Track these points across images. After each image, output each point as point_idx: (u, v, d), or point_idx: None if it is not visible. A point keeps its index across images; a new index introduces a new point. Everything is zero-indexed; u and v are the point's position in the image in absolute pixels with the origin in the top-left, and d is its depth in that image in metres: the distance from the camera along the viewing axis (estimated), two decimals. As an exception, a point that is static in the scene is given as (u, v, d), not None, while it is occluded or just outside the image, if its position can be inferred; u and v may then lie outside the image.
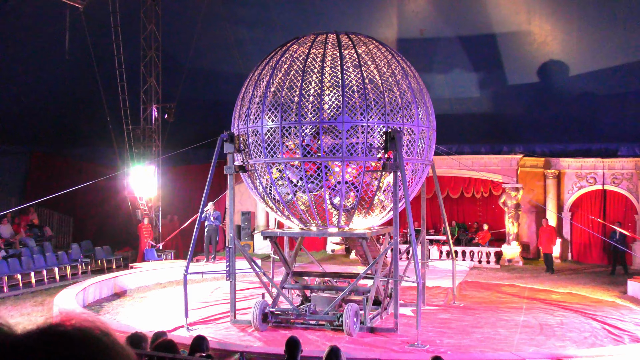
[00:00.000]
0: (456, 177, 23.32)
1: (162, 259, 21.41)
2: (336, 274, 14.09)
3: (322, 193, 11.67)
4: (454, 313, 13.63)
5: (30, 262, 18.07)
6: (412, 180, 12.30)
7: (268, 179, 11.98)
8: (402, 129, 11.52)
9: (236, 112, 12.44)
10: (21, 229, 21.22)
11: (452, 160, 20.91)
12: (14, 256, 18.19)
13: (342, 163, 11.35)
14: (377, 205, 12.09)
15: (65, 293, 13.99)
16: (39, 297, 15.87)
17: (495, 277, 19.29)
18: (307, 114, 11.98)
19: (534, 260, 22.67)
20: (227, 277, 12.53)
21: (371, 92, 11.72)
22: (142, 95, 22.41)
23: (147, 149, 22.57)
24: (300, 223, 12.39)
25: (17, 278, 17.13)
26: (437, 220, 23.82)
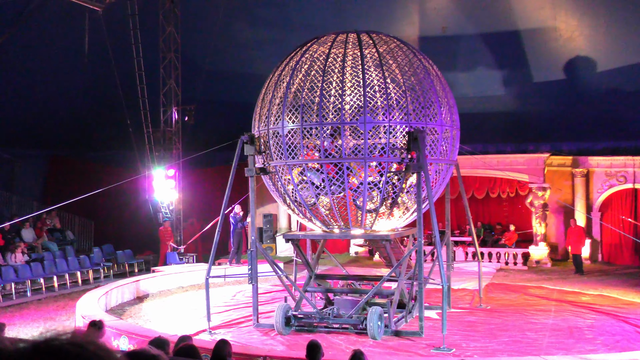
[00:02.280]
0: (481, 177, 23.19)
1: (183, 263, 21.57)
2: (360, 277, 14.09)
3: (344, 195, 11.68)
4: (481, 316, 13.56)
5: (53, 267, 18.33)
6: (436, 181, 12.26)
7: (289, 180, 12.02)
8: (424, 129, 11.49)
9: (256, 113, 12.50)
10: (43, 233, 21.51)
11: (477, 160, 20.80)
12: (37, 260, 18.46)
13: (365, 164, 11.35)
14: (400, 206, 12.08)
15: (88, 297, 14.16)
16: (61, 301, 16.10)
17: (522, 279, 19.15)
18: (328, 115, 12.01)
19: (562, 261, 22.46)
20: (249, 280, 12.59)
21: (393, 91, 11.71)
22: (162, 97, 22.60)
23: (168, 151, 22.76)
24: (322, 225, 12.41)
25: (40, 282, 17.38)
26: (462, 222, 23.69)
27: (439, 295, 11.77)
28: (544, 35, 22.08)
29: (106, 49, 20.61)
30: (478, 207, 24.44)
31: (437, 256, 11.18)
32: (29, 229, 21.05)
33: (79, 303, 13.59)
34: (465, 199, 14.83)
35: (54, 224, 23.38)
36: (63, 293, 17.25)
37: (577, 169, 22.79)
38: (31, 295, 16.71)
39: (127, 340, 10.69)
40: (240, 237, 20.27)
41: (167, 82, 22.51)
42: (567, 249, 21.82)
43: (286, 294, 13.00)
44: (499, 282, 18.40)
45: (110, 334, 11.18)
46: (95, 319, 8.53)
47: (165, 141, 22.74)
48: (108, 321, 11.78)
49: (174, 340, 6.80)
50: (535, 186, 21.94)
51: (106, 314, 12.99)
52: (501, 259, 21.99)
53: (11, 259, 17.74)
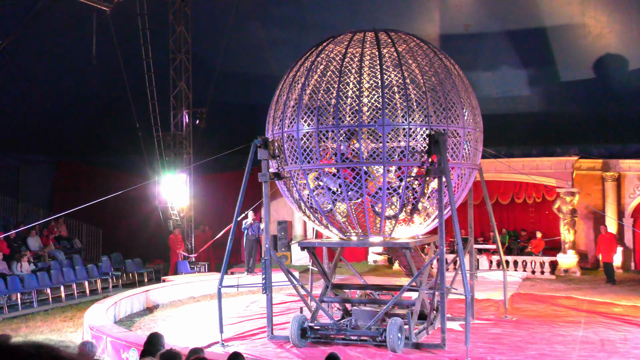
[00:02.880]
0: (506, 182, 23.08)
1: (195, 272, 21.65)
2: (378, 287, 14.06)
3: (362, 201, 11.68)
4: (506, 327, 13.48)
5: (60, 276, 18.47)
6: (458, 186, 12.22)
7: (305, 185, 12.03)
8: (446, 131, 11.46)
9: (270, 116, 12.53)
10: (50, 241, 21.69)
11: (501, 164, 20.70)
12: (43, 270, 18.61)
13: (383, 168, 11.34)
14: (421, 212, 12.05)
15: (96, 308, 14.25)
16: (68, 312, 16.21)
17: (550, 288, 19.01)
18: (344, 117, 12.01)
19: (592, 270, 22.28)
20: (263, 290, 12.61)
21: (413, 92, 11.69)
22: (172, 100, 22.74)
23: (178, 156, 22.87)
24: (339, 232, 12.40)
25: (46, 292, 17.52)
26: (486, 228, 23.57)
27: (462, 305, 11.72)
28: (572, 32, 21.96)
29: (114, 50, 20.78)
30: (503, 213, 24.31)
31: (460, 265, 11.13)
32: (35, 237, 21.25)
33: (87, 314, 13.68)
34: (489, 204, 14.76)
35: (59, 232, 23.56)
36: (70, 304, 17.37)
37: (607, 173, 22.61)
38: (37, 305, 16.84)
39: (137, 353, 10.74)
40: (252, 244, 20.26)
41: (178, 84, 22.64)
42: (597, 257, 21.64)
43: (302, 305, 12.99)
44: (525, 292, 18.28)
45: (119, 347, 11.24)
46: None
47: (176, 145, 22.86)
48: (117, 333, 11.87)
49: (185, 353, 6.83)
50: (563, 191, 21.79)
51: (115, 325, 13.06)
52: (527, 268, 21.86)
53: (17, 269, 17.90)
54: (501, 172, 21.92)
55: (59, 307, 16.93)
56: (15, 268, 17.91)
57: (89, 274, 19.52)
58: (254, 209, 20.52)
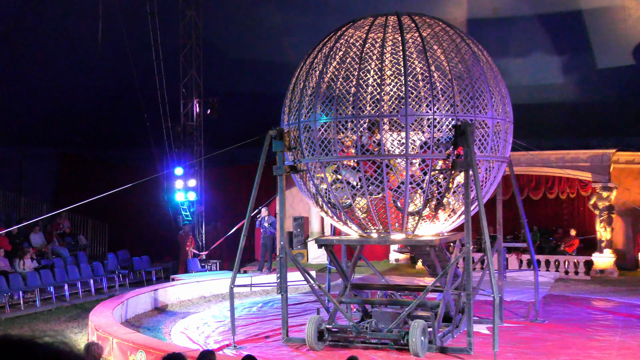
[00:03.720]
0: (537, 176, 22.96)
1: (206, 270, 21.76)
2: (400, 287, 14.07)
3: (383, 196, 11.68)
4: (537, 331, 13.44)
5: (64, 274, 18.63)
6: (486, 180, 12.18)
7: (322, 179, 12.05)
8: (473, 122, 11.43)
9: (286, 105, 12.56)
10: (54, 238, 21.89)
11: (533, 157, 20.59)
12: (47, 267, 18.79)
13: (406, 161, 11.33)
14: (446, 208, 12.03)
15: (102, 308, 14.37)
16: (73, 311, 16.38)
17: (585, 290, 18.91)
18: (365, 107, 12.01)
19: (631, 270, 22.12)
20: (278, 290, 12.66)
21: (438, 80, 11.66)
22: (182, 89, 22.83)
23: (188, 148, 22.98)
24: (359, 229, 12.42)
25: (50, 291, 17.69)
26: (516, 225, 23.44)
27: (490, 307, 11.69)
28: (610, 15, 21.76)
29: (121, 36, 20.88)
30: (534, 209, 24.18)
31: (488, 264, 11.10)
32: (39, 233, 21.45)
33: (93, 314, 13.80)
34: (520, 200, 14.70)
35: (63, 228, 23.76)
36: (75, 303, 17.54)
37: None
38: (41, 305, 17.01)
39: (145, 355, 10.85)
40: (266, 242, 20.26)
41: (188, 72, 22.73)
42: (636, 257, 21.48)
43: (319, 306, 13.03)
44: (557, 294, 18.20)
45: (126, 348, 11.35)
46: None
47: (186, 137, 22.96)
48: (124, 334, 11.97)
49: (195, 356, 6.88)
50: (600, 186, 21.63)
51: (122, 326, 13.18)
52: (560, 268, 21.75)
53: (19, 266, 18.09)
54: (532, 165, 21.80)
55: (63, 306, 17.09)
56: (18, 265, 18.10)
57: (94, 272, 19.68)
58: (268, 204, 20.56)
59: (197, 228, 23.28)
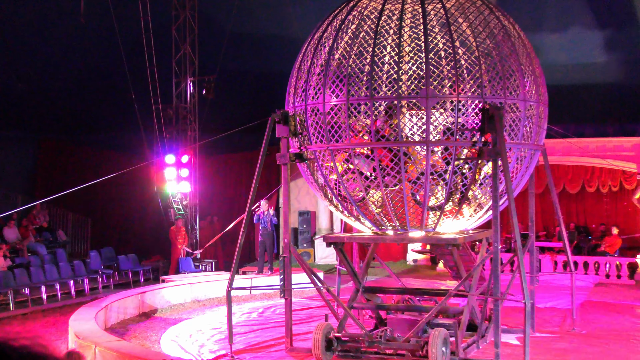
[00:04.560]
0: (575, 167, 22.89)
1: (200, 271, 21.80)
2: (419, 291, 14.04)
3: (400, 188, 11.65)
4: (574, 342, 13.41)
5: (41, 274, 18.68)
6: (517, 171, 12.14)
7: (332, 169, 12.02)
8: (503, 105, 11.38)
9: (291, 85, 12.53)
10: (30, 233, 21.96)
11: (570, 145, 20.50)
12: (21, 266, 18.84)
13: (427, 148, 11.29)
14: (471, 202, 11.99)
15: (83, 312, 14.41)
16: (51, 316, 16.43)
17: (628, 296, 18.87)
18: (380, 87, 11.97)
19: (680, 274, 22.06)
20: (281, 293, 12.66)
21: (463, 58, 11.61)
22: (175, 66, 22.82)
23: (181, 133, 23.00)
24: (373, 225, 12.40)
25: (25, 293, 17.74)
26: (550, 223, 23.41)
27: (520, 315, 11.66)
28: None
29: (107, 7, 20.84)
30: (571, 204, 24.14)
31: (518, 266, 11.06)
32: (13, 227, 21.53)
33: (73, 319, 13.83)
34: (555, 193, 14.65)
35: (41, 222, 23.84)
36: (53, 306, 17.59)
37: (700, 157, 22.33)
38: (14, 309, 17.07)
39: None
40: (265, 239, 20.24)
41: (181, 47, 22.72)
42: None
43: (327, 311, 13.02)
44: (597, 300, 18.16)
45: (110, 358, 11.37)
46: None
47: (179, 120, 22.97)
48: (108, 342, 12.00)
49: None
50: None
51: (105, 333, 13.21)
52: (600, 271, 21.69)
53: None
54: (569, 154, 21.72)
55: (39, 310, 17.15)
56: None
57: (75, 272, 19.73)
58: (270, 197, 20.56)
59: (190, 223, 23.31)
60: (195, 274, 20.93)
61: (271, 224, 20.24)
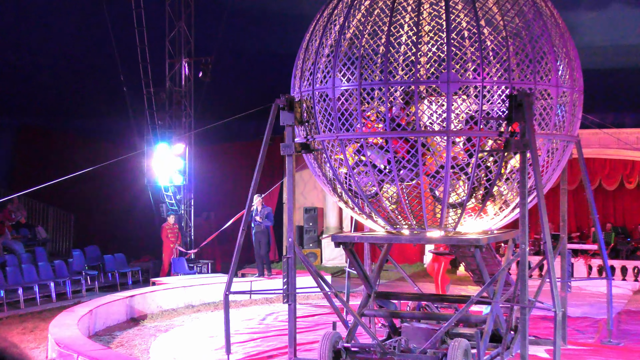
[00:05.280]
0: (613, 160, 22.83)
1: (195, 273, 21.83)
2: (437, 297, 14.05)
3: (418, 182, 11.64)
4: (610, 356, 13.40)
5: (18, 275, 18.71)
6: (548, 164, 12.12)
7: (342, 161, 12.02)
8: (533, 91, 11.36)
9: (297, 68, 12.52)
10: (5, 229, 22.01)
11: (608, 136, 20.46)
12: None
13: (447, 139, 11.29)
14: (496, 199, 11.99)
15: (64, 317, 14.44)
16: (29, 322, 16.45)
17: (670, 305, 18.85)
18: (396, 71, 11.96)
19: None
20: (284, 298, 12.67)
21: (489, 38, 11.58)
22: (168, 45, 22.82)
23: (175, 119, 23.00)
24: (387, 224, 12.40)
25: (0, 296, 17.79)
26: (584, 222, 23.39)
27: (550, 325, 11.67)
28: None
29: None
30: (608, 202, 24.10)
31: (548, 270, 11.06)
32: (-12, 223, 21.59)
33: (53, 325, 13.86)
34: (590, 190, 14.61)
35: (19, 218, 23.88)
36: (31, 311, 17.62)
37: None
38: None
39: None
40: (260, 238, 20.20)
41: (176, 24, 22.71)
42: None
43: (335, 319, 13.04)
44: (636, 309, 18.13)
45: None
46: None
47: (172, 106, 22.98)
48: (92, 351, 12.03)
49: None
50: (693, 174, 21.53)
51: (90, 341, 13.24)
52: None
53: (-37, 264, 18.22)
54: (607, 147, 21.68)
55: (16, 315, 17.18)
56: (-39, 263, 18.24)
57: (56, 273, 19.75)
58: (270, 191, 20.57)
59: (184, 220, 23.34)
60: (190, 276, 20.95)
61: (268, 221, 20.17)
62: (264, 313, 17.48)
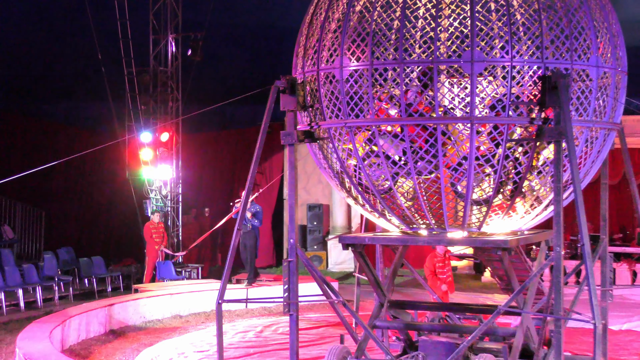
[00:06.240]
0: (661, 151, 22.85)
1: (183, 278, 21.86)
2: (460, 306, 14.05)
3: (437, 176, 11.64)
4: (657, 375, 13.43)
5: (-18, 281, 18.77)
6: (586, 156, 12.10)
7: (351, 151, 12.02)
8: (569, 72, 11.34)
9: (300, 45, 12.52)
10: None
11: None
12: (-45, 271, 18.93)
13: (471, 126, 11.28)
14: (527, 195, 11.98)
15: (35, 329, 14.46)
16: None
17: None
18: (413, 49, 11.96)
19: None
20: (285, 308, 12.68)
21: (518, 11, 11.57)
22: (152, 20, 22.82)
23: (161, 104, 23.01)
24: (402, 223, 12.40)
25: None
26: (628, 222, 23.39)
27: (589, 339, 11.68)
28: None
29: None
30: (655, 199, 24.07)
31: (586, 276, 11.05)
32: (-53, 222, 21.63)
33: (22, 338, 13.89)
34: (634, 185, 14.59)
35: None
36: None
37: None
38: (-51, 324, 17.18)
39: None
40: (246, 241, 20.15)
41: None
42: None
43: (343, 331, 13.07)
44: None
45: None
46: None
47: (157, 88, 22.99)
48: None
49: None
50: None
51: (63, 355, 13.26)
52: (693, 285, 21.71)
53: None
54: (655, 135, 21.68)
55: (-20, 326, 17.24)
56: None
57: (25, 279, 19.78)
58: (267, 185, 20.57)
59: (171, 218, 23.37)
60: (177, 282, 20.98)
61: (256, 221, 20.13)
62: (262, 325, 17.49)
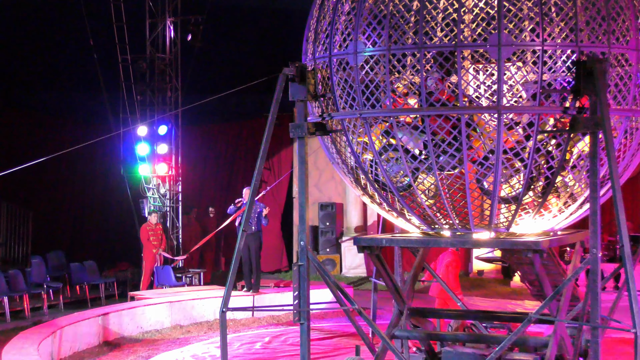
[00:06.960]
0: None
1: (183, 284, 21.86)
2: (486, 314, 14.04)
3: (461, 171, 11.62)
4: None
5: (-36, 288, 18.82)
6: (626, 148, 12.07)
7: (366, 145, 12.01)
8: (607, 56, 11.31)
9: (311, 30, 12.51)
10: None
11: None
12: None
13: (498, 117, 11.26)
14: (560, 192, 11.95)
15: (22, 341, 14.48)
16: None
17: None
18: (434, 33, 11.94)
19: None
20: (295, 316, 12.68)
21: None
22: (149, 2, 22.81)
23: (158, 94, 23.02)
24: (422, 223, 12.39)
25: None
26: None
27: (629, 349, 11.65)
28: None
29: None
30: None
31: (626, 280, 11.02)
32: None
33: (7, 351, 13.91)
34: (678, 181, 14.57)
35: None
36: (-19, 332, 17.74)
37: None
38: None
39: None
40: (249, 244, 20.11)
41: (158, -25, 22.74)
42: None
43: (358, 341, 13.07)
44: None
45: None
46: None
47: (154, 77, 22.99)
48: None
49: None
50: None
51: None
52: None
53: None
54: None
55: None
56: None
57: (11, 286, 19.79)
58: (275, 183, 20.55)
59: (170, 218, 23.38)
60: (177, 289, 21.00)
61: (258, 222, 20.09)
62: (270, 335, 17.50)
